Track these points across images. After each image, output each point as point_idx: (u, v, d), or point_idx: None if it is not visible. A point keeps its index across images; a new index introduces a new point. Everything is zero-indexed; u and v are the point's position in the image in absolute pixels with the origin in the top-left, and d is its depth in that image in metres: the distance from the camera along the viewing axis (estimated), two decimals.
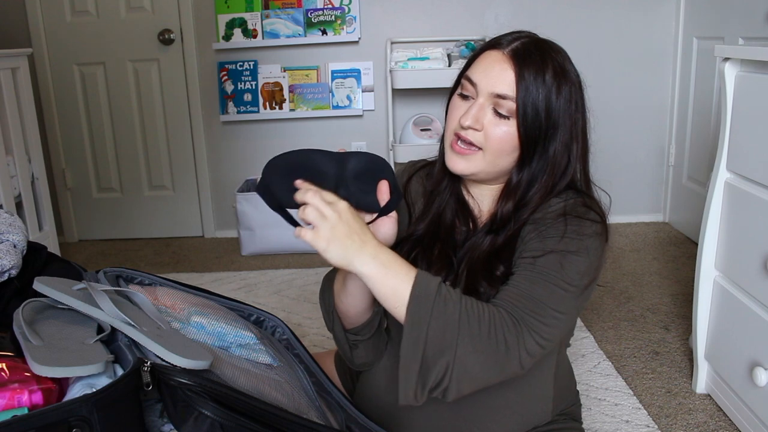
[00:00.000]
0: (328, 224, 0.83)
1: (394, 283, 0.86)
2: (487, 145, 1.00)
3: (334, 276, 1.08)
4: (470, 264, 1.04)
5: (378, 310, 1.09)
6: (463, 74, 1.04)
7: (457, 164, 1.03)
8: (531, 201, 1.02)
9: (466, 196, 1.12)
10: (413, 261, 1.07)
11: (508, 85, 0.98)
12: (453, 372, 0.86)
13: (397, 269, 0.87)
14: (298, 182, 0.88)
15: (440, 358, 0.86)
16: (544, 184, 1.02)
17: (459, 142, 1.01)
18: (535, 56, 0.99)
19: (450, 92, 1.08)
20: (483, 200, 1.10)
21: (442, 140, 1.11)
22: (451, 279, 1.05)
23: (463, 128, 1.00)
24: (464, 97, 1.03)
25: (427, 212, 1.13)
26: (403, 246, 1.11)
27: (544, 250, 0.96)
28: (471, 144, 1.00)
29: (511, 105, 0.98)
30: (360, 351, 1.13)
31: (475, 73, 1.01)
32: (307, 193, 0.85)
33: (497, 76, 0.99)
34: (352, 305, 1.05)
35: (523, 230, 1.01)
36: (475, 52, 1.06)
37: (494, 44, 1.03)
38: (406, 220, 1.15)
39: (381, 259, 0.86)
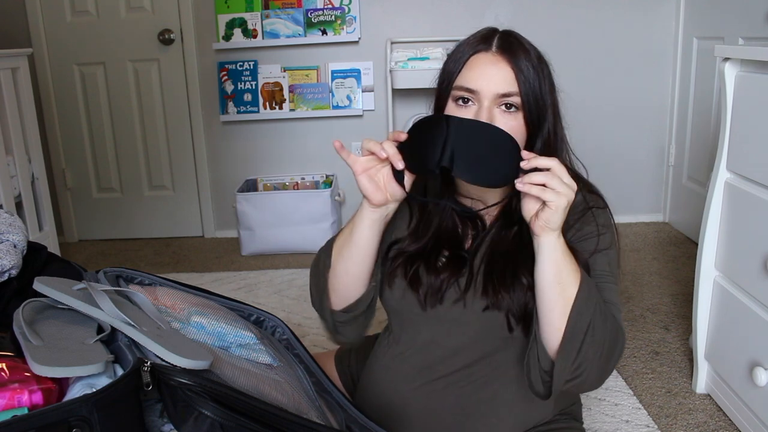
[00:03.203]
0: (565, 201, 0.87)
1: (568, 262, 0.92)
2: None
3: (330, 247, 1.09)
4: (491, 258, 1.05)
5: (373, 285, 1.10)
6: (451, 84, 1.02)
7: None
8: None
9: (463, 200, 1.11)
10: (414, 274, 1.07)
11: (510, 82, 0.98)
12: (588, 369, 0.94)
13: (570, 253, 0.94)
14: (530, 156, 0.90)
15: (590, 349, 0.92)
16: None
17: None
18: (518, 46, 1.01)
19: (435, 104, 1.06)
20: (487, 196, 1.09)
21: None
22: (466, 278, 1.06)
23: None
24: (461, 105, 1.01)
25: (427, 226, 1.12)
26: (398, 259, 1.11)
27: (590, 252, 1.02)
28: None
29: (516, 100, 0.99)
30: (346, 329, 1.14)
31: (471, 79, 1.00)
32: (551, 178, 0.87)
33: (496, 76, 0.98)
34: (351, 266, 1.06)
35: None
36: (458, 60, 1.03)
37: (477, 48, 1.02)
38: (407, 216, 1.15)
39: (562, 240, 0.93)
